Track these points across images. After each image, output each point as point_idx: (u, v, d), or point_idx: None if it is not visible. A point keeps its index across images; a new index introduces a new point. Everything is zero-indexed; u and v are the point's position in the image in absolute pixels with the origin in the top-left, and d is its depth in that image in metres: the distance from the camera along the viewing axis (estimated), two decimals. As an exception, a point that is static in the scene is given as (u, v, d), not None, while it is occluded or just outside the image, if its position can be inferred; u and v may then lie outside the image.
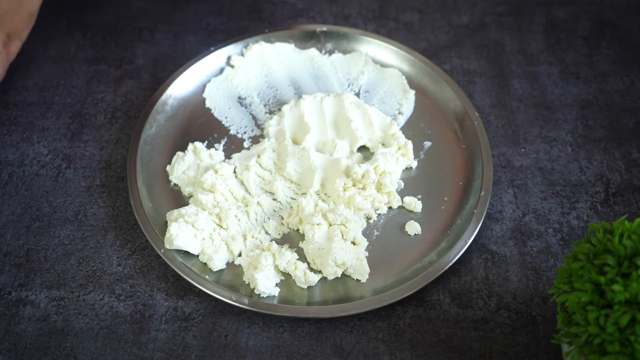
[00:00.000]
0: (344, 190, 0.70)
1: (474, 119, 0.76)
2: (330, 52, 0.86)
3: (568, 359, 0.55)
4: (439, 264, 0.65)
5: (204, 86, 0.82)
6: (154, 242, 0.67)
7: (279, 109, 0.80)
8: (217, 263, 0.66)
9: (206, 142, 0.77)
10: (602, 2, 0.93)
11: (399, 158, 0.73)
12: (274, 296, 0.64)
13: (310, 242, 0.67)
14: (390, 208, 0.72)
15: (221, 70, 0.84)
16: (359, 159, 0.75)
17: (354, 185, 0.71)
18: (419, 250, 0.68)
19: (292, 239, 0.69)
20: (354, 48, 0.86)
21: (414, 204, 0.71)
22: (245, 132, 0.78)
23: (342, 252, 0.66)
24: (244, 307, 0.63)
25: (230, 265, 0.67)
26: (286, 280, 0.66)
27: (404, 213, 0.71)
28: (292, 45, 0.86)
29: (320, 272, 0.66)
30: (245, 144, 0.77)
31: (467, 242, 0.67)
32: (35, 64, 0.85)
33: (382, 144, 0.76)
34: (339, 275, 0.66)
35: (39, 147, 0.77)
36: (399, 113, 0.80)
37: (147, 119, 0.76)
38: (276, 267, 0.66)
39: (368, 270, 0.66)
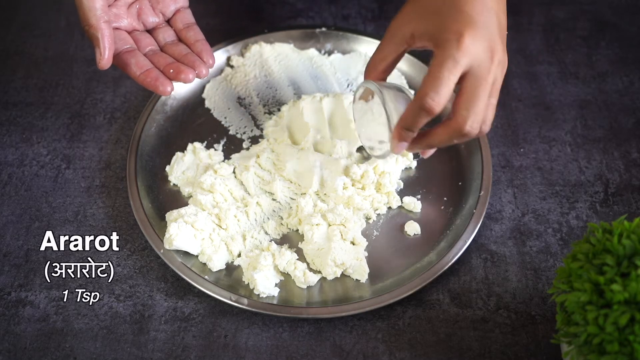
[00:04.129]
0: (343, 190, 0.70)
1: (473, 119, 0.76)
2: (330, 53, 0.86)
3: (567, 359, 0.55)
4: (439, 264, 0.65)
5: (204, 86, 0.82)
6: (153, 242, 0.67)
7: (278, 109, 0.80)
8: (217, 263, 0.66)
9: (205, 142, 0.77)
10: (602, 2, 0.93)
11: (398, 158, 0.73)
12: (273, 296, 0.64)
13: (309, 242, 0.67)
14: (389, 208, 0.72)
15: (220, 71, 0.83)
16: (358, 159, 0.75)
17: (353, 186, 0.71)
18: (419, 250, 0.68)
19: (291, 239, 0.69)
20: (353, 48, 0.86)
21: (413, 204, 0.71)
22: (244, 133, 0.78)
23: (342, 252, 0.66)
24: (244, 307, 0.63)
25: (229, 265, 0.67)
26: (285, 280, 0.66)
27: (403, 213, 0.71)
28: (292, 46, 0.86)
29: (319, 272, 0.66)
30: (245, 144, 0.77)
31: (466, 242, 0.67)
32: (35, 64, 0.85)
33: (382, 144, 0.76)
34: (339, 276, 0.66)
35: (38, 147, 0.77)
36: (399, 113, 0.80)
37: (147, 120, 0.76)
38: (275, 267, 0.66)
39: (367, 270, 0.66)
